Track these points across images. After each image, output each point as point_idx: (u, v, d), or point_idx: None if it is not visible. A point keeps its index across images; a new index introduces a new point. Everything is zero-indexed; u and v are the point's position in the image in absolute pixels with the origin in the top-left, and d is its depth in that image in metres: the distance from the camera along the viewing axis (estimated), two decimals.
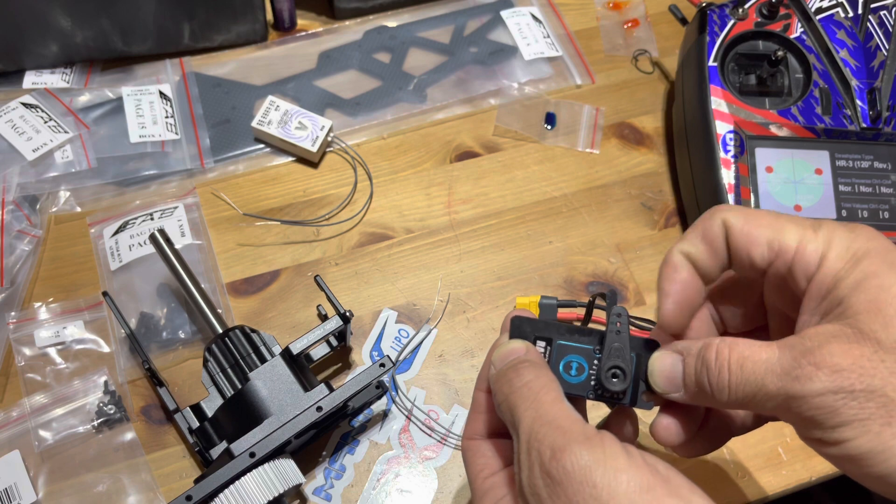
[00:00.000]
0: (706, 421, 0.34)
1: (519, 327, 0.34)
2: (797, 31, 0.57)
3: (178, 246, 0.51)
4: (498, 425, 0.33)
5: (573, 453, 0.26)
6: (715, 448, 0.34)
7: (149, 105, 0.60)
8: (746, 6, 0.57)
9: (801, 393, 0.27)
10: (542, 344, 0.33)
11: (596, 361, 0.33)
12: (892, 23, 0.56)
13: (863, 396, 0.26)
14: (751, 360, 0.28)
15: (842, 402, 0.26)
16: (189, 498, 0.39)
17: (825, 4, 0.57)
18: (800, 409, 0.27)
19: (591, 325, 0.51)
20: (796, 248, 0.30)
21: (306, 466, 0.47)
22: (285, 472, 0.41)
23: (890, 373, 0.26)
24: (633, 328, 0.51)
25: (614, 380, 0.32)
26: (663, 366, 0.32)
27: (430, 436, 0.48)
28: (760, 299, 0.34)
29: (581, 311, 0.52)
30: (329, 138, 0.60)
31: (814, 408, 0.27)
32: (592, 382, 0.33)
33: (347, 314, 0.46)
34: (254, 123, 0.59)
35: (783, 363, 0.27)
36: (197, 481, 0.40)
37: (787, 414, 0.28)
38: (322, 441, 0.48)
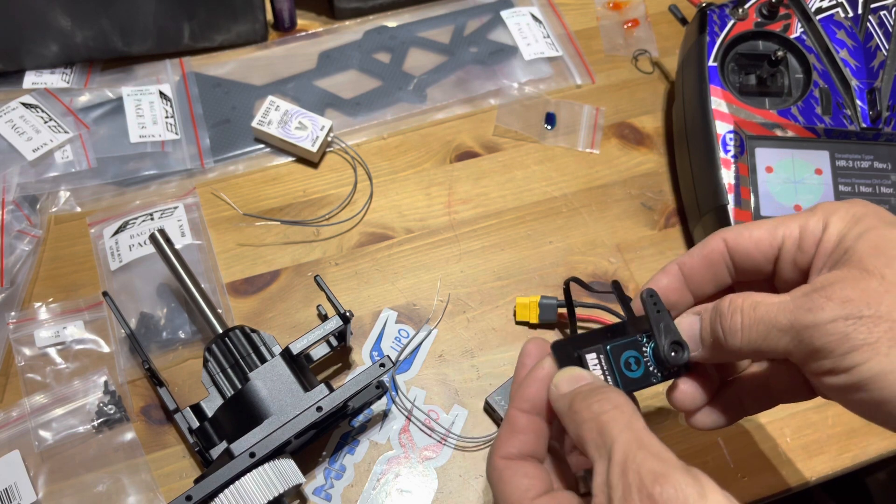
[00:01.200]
0: (722, 390, 0.36)
1: (562, 350, 0.34)
2: (797, 31, 0.57)
3: (178, 246, 0.51)
4: (532, 449, 0.33)
5: (677, 481, 0.27)
6: (728, 422, 0.35)
7: (149, 105, 0.60)
8: (746, 6, 0.57)
9: (812, 322, 0.28)
10: (591, 356, 0.34)
11: (645, 348, 0.34)
12: (892, 23, 0.56)
13: (871, 322, 0.28)
14: (764, 304, 0.30)
15: (852, 327, 0.28)
16: (189, 498, 0.39)
17: (825, 4, 0.57)
18: (812, 339, 0.28)
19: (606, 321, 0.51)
20: (800, 228, 0.33)
21: (306, 466, 0.47)
22: (285, 472, 0.41)
23: (895, 301, 0.28)
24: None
25: (675, 354, 0.33)
26: (682, 324, 0.34)
27: (430, 436, 0.48)
28: None
29: (585, 312, 0.52)
30: (329, 138, 0.60)
31: (826, 335, 0.28)
32: (651, 367, 0.34)
33: (347, 314, 0.46)
34: (254, 123, 0.59)
35: (795, 301, 0.30)
36: (197, 481, 0.40)
37: (800, 347, 0.29)
38: (322, 441, 0.48)
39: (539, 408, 0.33)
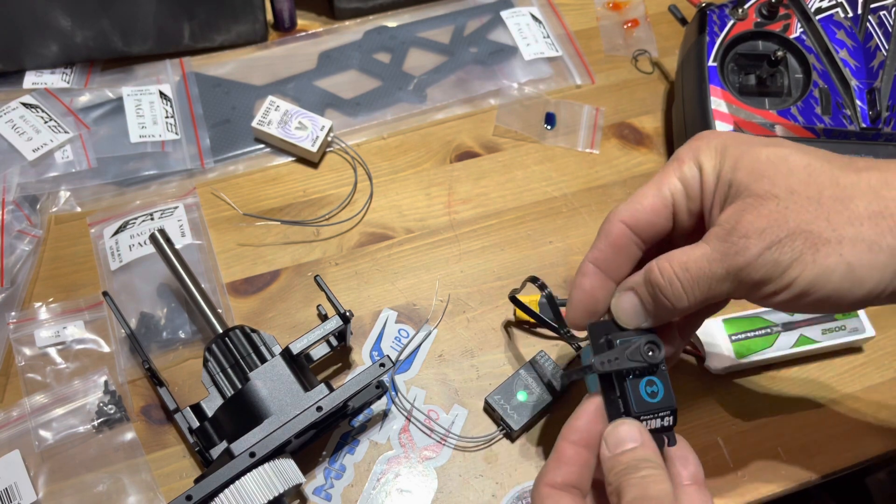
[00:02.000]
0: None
1: (597, 332, 0.36)
2: (797, 31, 0.57)
3: (178, 246, 0.51)
4: (576, 480, 0.34)
5: None
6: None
7: (149, 105, 0.60)
8: (746, 6, 0.57)
9: (745, 262, 0.31)
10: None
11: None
12: (891, 23, 0.56)
13: (789, 241, 0.31)
14: (691, 261, 0.33)
15: (777, 252, 0.31)
16: (189, 498, 0.39)
17: (825, 4, 0.57)
18: (749, 276, 0.32)
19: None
20: (680, 179, 0.35)
21: (306, 466, 0.47)
22: (285, 472, 0.41)
23: (796, 214, 0.31)
24: None
25: (651, 353, 0.34)
26: (622, 305, 0.36)
27: (429, 436, 0.48)
28: None
29: None
30: (329, 138, 0.60)
31: (760, 268, 0.31)
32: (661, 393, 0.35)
33: (347, 314, 0.46)
34: (254, 123, 0.59)
35: (718, 249, 0.32)
36: (197, 481, 0.40)
37: (741, 286, 0.32)
38: (322, 441, 0.48)
39: (586, 441, 0.34)
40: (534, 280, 0.47)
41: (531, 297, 0.52)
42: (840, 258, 0.31)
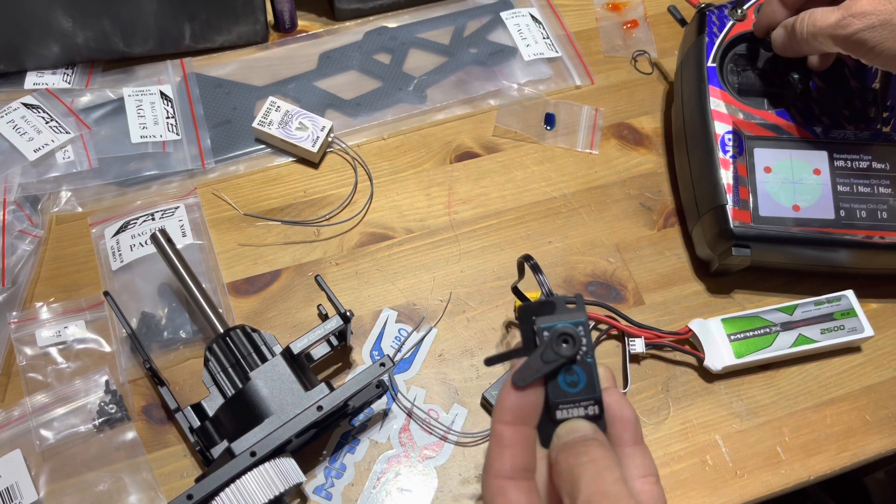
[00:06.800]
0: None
1: (525, 315, 0.33)
2: None
3: (179, 246, 0.51)
4: (523, 462, 0.33)
5: None
6: None
7: (150, 105, 0.60)
8: (745, 7, 0.57)
9: (846, 33, 0.46)
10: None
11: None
12: None
13: (881, 26, 0.45)
14: (819, 21, 0.48)
15: (869, 33, 0.45)
16: (190, 497, 0.39)
17: None
18: (849, 41, 0.47)
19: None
20: None
21: (307, 465, 0.47)
22: (286, 471, 0.42)
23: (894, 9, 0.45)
24: (629, 325, 0.51)
25: (565, 345, 0.32)
26: (775, 33, 0.54)
27: (430, 433, 0.48)
28: None
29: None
30: (329, 139, 0.60)
31: (858, 42, 0.46)
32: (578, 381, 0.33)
33: (348, 314, 0.46)
34: (254, 124, 0.59)
35: (836, 18, 0.47)
36: (198, 480, 0.40)
37: (844, 47, 0.47)
38: (322, 440, 0.48)
39: (522, 417, 0.33)
40: (527, 259, 0.44)
41: (531, 295, 0.52)
42: None
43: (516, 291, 0.50)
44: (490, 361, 0.35)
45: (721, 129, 0.53)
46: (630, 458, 0.32)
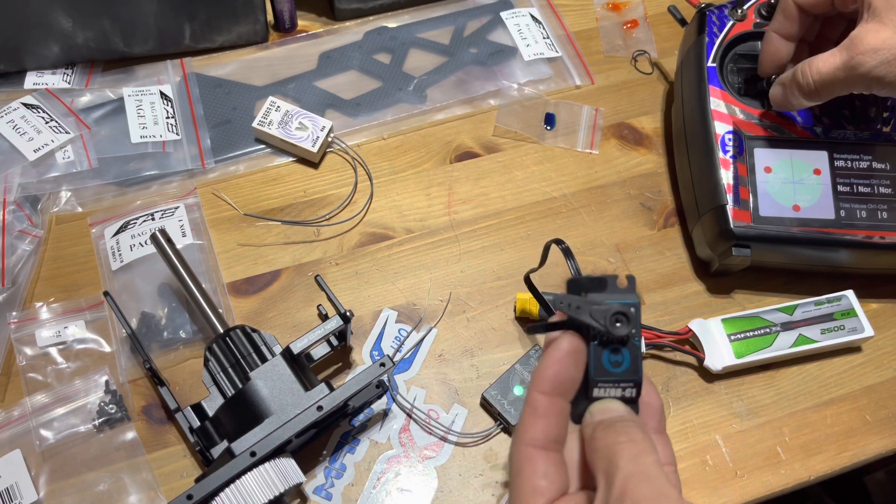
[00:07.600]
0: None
1: (573, 290, 0.33)
2: None
3: (179, 246, 0.51)
4: (555, 433, 0.33)
5: None
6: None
7: (150, 105, 0.60)
8: (745, 7, 0.57)
9: (861, 72, 0.44)
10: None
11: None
12: None
13: (893, 59, 0.44)
14: (825, 68, 0.46)
15: (885, 69, 0.44)
16: (190, 497, 0.39)
17: None
18: (867, 84, 0.45)
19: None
20: None
21: (307, 465, 0.47)
22: (286, 471, 0.42)
23: None
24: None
25: (618, 325, 0.32)
26: (773, 92, 0.51)
27: (430, 434, 0.48)
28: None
29: None
30: (329, 139, 0.60)
31: (875, 79, 0.45)
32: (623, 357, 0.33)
33: (348, 314, 0.46)
34: (254, 124, 0.59)
35: (843, 60, 0.45)
36: (198, 480, 0.40)
37: (860, 86, 0.46)
38: (322, 440, 0.48)
39: (560, 388, 0.33)
40: (558, 242, 0.43)
41: (531, 296, 0.52)
42: None
43: (528, 282, 0.49)
44: (534, 329, 0.34)
45: (721, 129, 0.53)
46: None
